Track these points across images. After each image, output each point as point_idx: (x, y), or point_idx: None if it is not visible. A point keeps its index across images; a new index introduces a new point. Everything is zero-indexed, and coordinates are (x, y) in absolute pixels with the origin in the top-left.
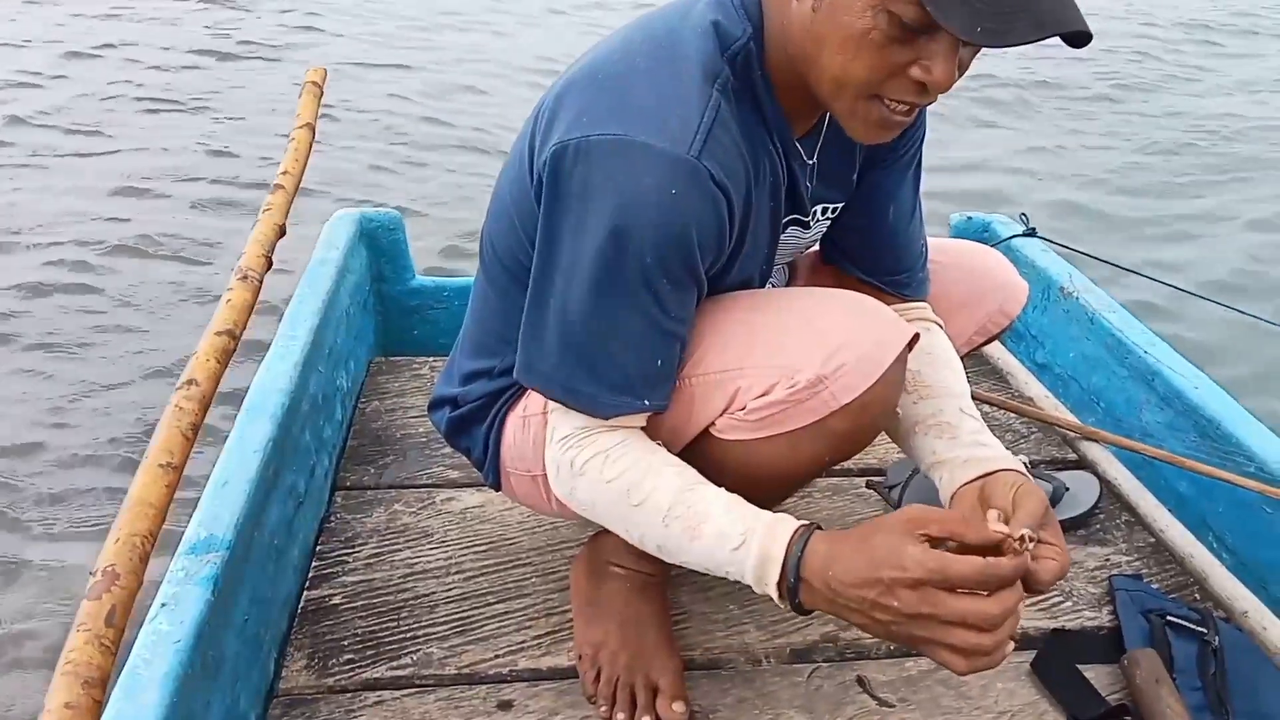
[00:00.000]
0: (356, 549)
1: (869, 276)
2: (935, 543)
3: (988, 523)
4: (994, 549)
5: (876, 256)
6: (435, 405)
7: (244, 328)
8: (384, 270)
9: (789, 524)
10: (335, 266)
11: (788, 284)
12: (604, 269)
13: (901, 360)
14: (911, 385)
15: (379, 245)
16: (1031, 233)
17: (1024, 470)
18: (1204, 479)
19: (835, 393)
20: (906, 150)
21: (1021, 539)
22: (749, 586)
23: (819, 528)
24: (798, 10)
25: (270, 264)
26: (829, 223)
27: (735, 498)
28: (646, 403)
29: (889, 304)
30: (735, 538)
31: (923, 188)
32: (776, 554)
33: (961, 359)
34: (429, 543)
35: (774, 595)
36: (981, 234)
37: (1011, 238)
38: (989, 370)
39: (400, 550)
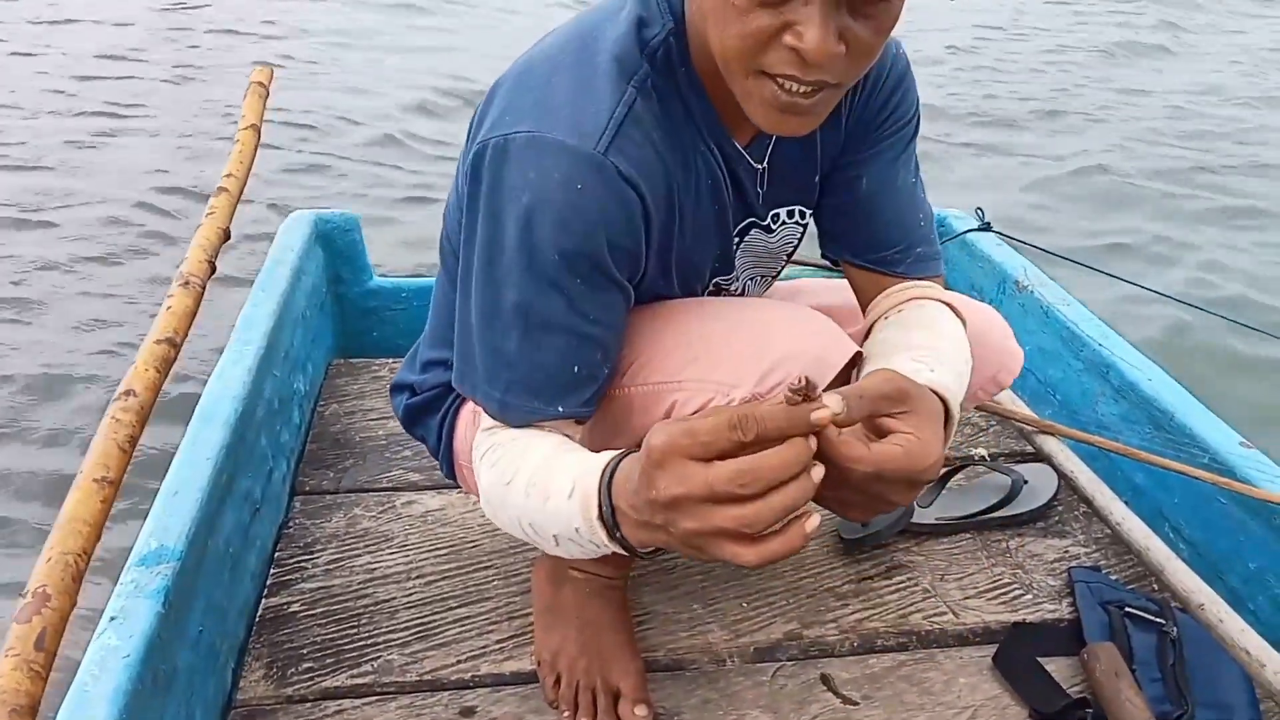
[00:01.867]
0: (315, 555)
1: (857, 258)
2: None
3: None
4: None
5: (861, 234)
6: (395, 389)
7: (185, 335)
8: (341, 271)
9: (609, 455)
10: (290, 268)
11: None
12: (513, 267)
13: (843, 379)
14: (874, 355)
15: (335, 246)
16: (986, 227)
17: (939, 390)
18: (1160, 470)
19: None
20: (886, 132)
21: (796, 388)
22: (710, 589)
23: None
24: None
25: (214, 269)
26: (801, 225)
27: (588, 453)
28: (559, 408)
29: (888, 286)
30: (569, 484)
31: None
32: (593, 484)
33: None
34: (389, 547)
35: (604, 537)
36: (937, 229)
37: (966, 232)
38: None
39: (360, 555)
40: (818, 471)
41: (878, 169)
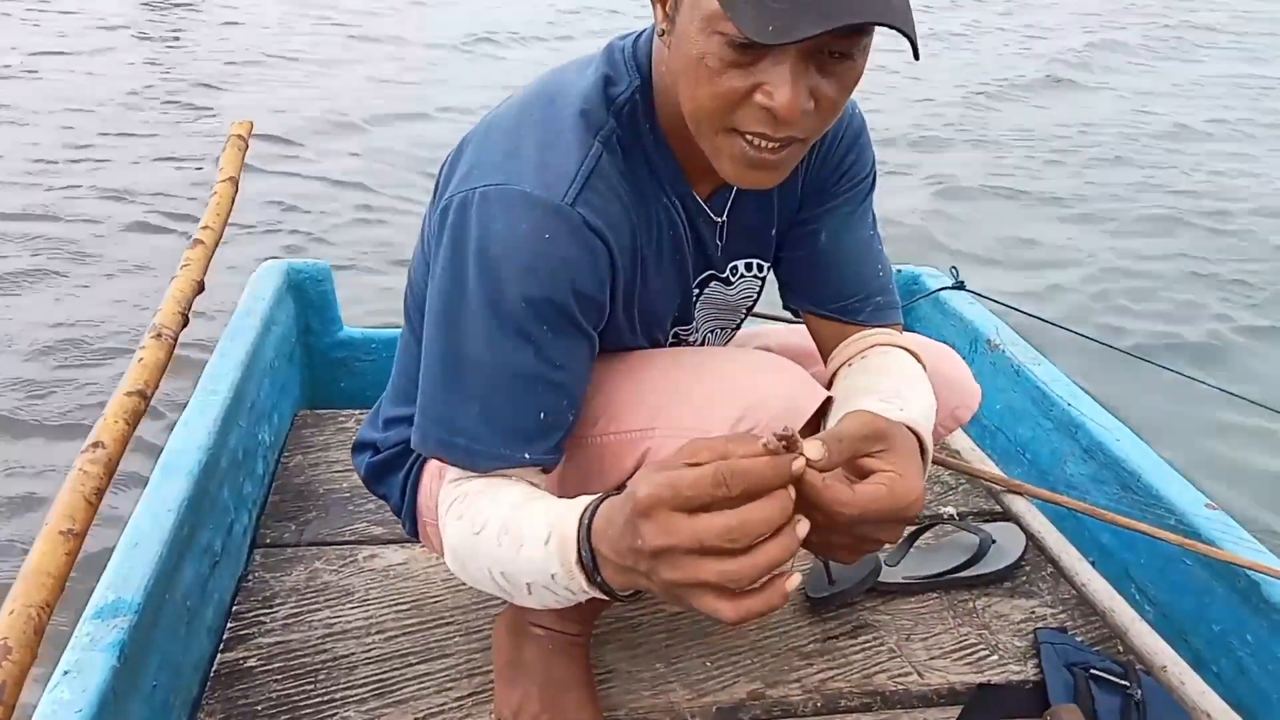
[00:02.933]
0: (274, 609)
1: (819, 308)
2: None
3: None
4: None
5: (821, 286)
6: (358, 449)
7: (155, 388)
8: (311, 322)
9: (586, 500)
10: (260, 318)
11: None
12: (480, 314)
13: (813, 425)
14: (844, 400)
15: (307, 296)
16: (960, 285)
17: (911, 425)
18: (1127, 531)
19: None
20: (843, 189)
21: (781, 435)
22: (676, 638)
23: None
24: (663, 52)
25: (187, 321)
26: (759, 279)
27: (560, 499)
28: (525, 456)
29: (850, 334)
30: (544, 530)
31: None
32: (571, 530)
33: None
34: (349, 602)
35: (583, 582)
36: (911, 286)
37: (939, 290)
38: None
39: (319, 610)
40: (802, 527)
41: (836, 223)
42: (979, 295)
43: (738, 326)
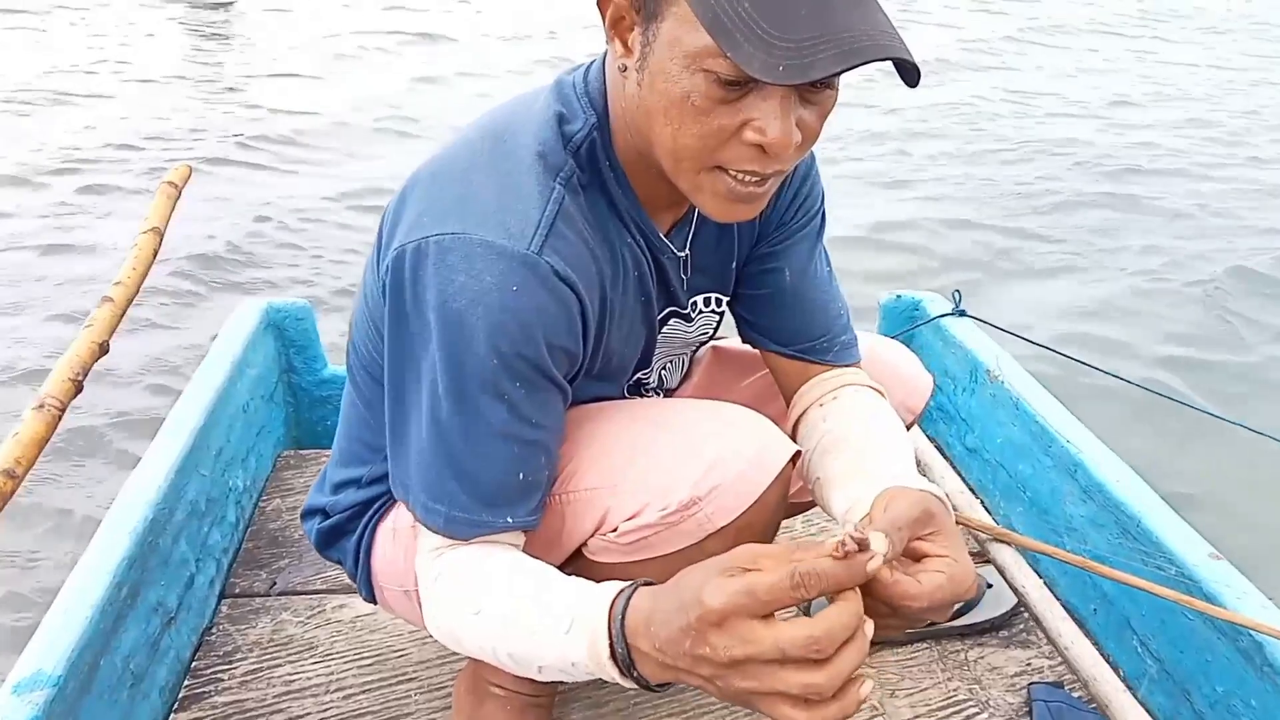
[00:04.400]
0: (234, 664)
1: (784, 348)
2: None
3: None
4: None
5: (787, 326)
6: (306, 515)
7: (30, 465)
8: (294, 361)
9: (611, 588)
10: (231, 360)
11: (685, 377)
12: (450, 374)
13: (783, 479)
14: (829, 447)
15: (287, 335)
16: (961, 313)
17: (939, 496)
18: None
19: (710, 515)
20: (798, 223)
21: (855, 538)
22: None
23: (649, 583)
24: (629, 89)
25: (80, 388)
26: (717, 314)
27: (572, 579)
28: (509, 519)
29: (815, 374)
30: (564, 619)
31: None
32: (600, 624)
33: None
34: (312, 656)
35: (615, 675)
36: (912, 313)
37: (940, 316)
38: None
39: (280, 665)
40: (869, 627)
41: (798, 262)
42: (981, 321)
43: (689, 359)
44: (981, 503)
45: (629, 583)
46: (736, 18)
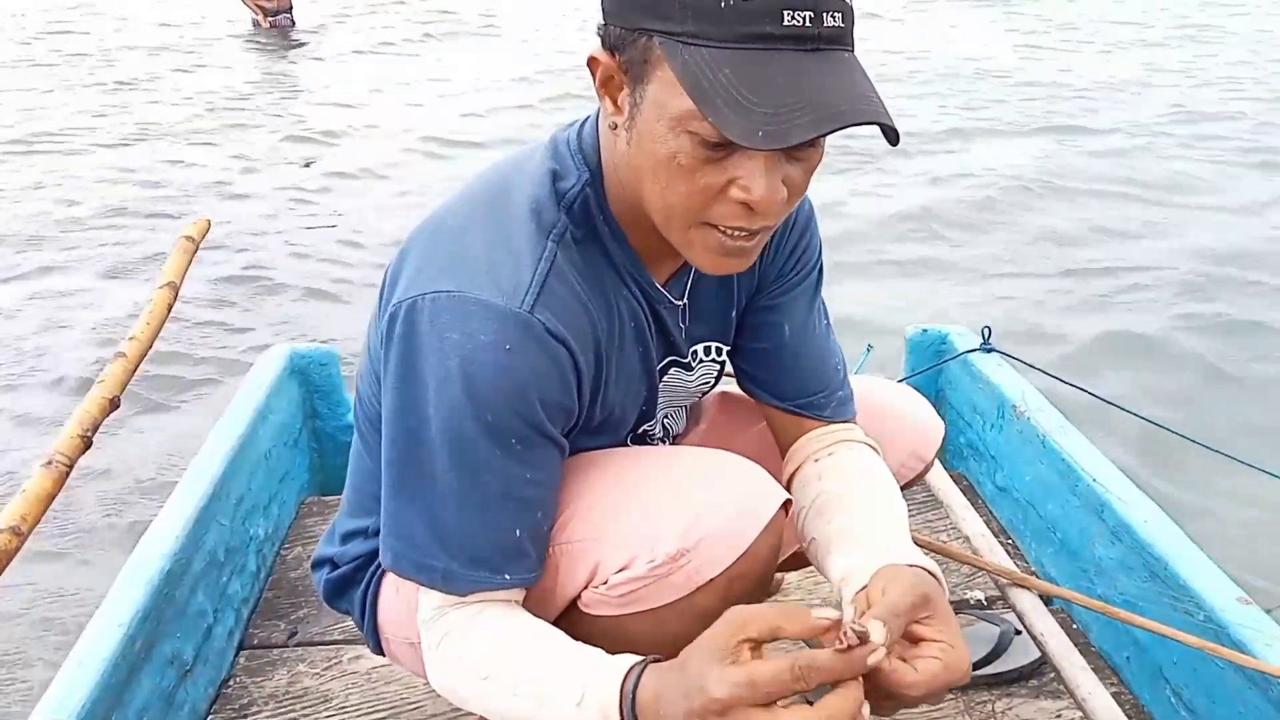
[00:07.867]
0: (249, 717)
1: (782, 402)
2: (757, 647)
3: (817, 614)
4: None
5: (785, 381)
6: (316, 565)
7: (36, 522)
8: (318, 406)
9: (622, 664)
10: (254, 407)
11: (688, 425)
12: (445, 432)
13: (773, 529)
14: (824, 507)
15: (312, 381)
16: (990, 348)
17: (934, 573)
18: None
19: (699, 567)
20: (797, 275)
21: (857, 631)
22: None
23: (659, 658)
24: (620, 146)
25: (89, 444)
26: (718, 364)
27: (580, 646)
28: (507, 576)
29: (811, 429)
30: (575, 691)
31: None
32: (612, 701)
33: None
34: (326, 709)
35: None
36: (939, 347)
37: (968, 352)
38: (927, 500)
39: (295, 719)
40: (866, 710)
41: (798, 316)
42: (1008, 356)
43: (693, 406)
44: (1013, 544)
45: (640, 660)
46: (717, 84)
